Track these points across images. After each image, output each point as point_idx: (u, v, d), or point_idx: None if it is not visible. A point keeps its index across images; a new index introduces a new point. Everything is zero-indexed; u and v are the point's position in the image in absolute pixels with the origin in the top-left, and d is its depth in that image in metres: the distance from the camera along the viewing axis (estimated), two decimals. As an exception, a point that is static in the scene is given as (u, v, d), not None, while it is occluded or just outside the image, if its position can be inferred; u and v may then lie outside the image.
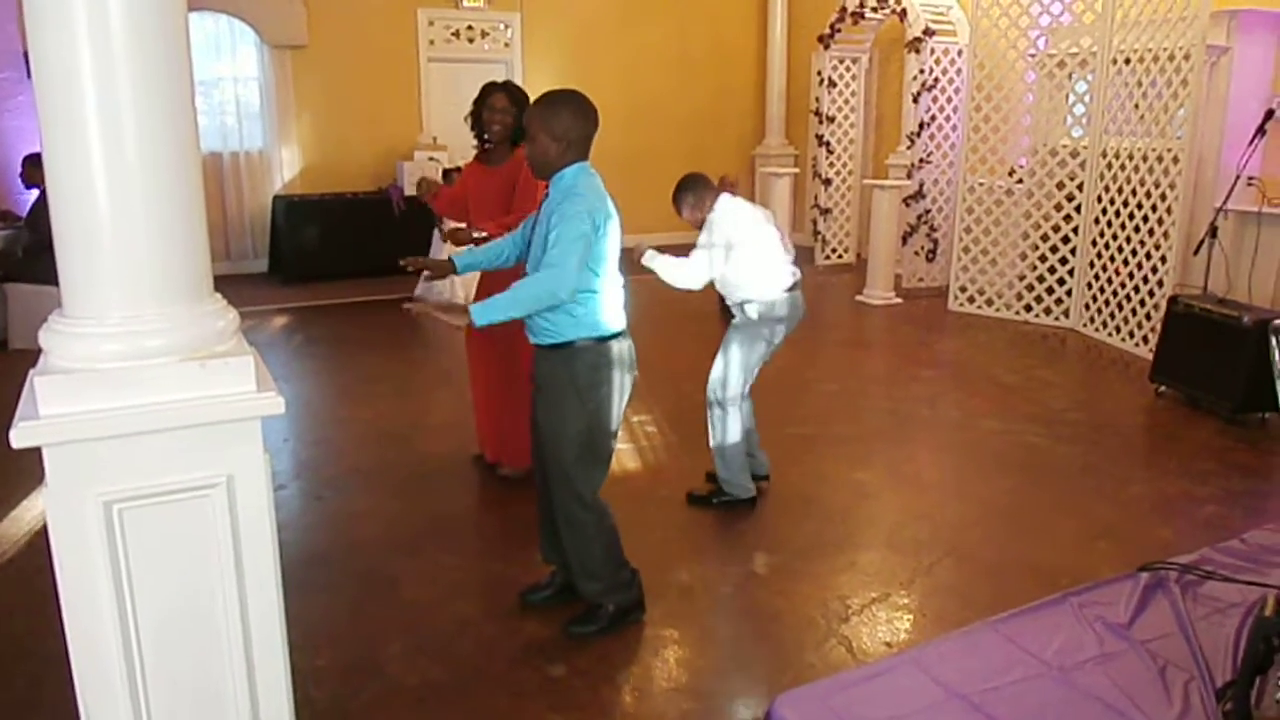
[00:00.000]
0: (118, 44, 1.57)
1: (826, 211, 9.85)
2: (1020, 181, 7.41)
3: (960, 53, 8.15)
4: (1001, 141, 7.57)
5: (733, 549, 3.71)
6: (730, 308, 3.95)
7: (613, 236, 2.80)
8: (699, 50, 10.81)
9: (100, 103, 1.57)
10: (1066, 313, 7.21)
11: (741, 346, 3.87)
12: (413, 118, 9.61)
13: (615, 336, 2.87)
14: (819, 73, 9.65)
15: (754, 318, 3.82)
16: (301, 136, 9.25)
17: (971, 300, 7.76)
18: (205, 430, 1.69)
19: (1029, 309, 7.43)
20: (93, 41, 1.55)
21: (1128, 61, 6.50)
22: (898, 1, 8.43)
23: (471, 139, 4.16)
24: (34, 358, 1.70)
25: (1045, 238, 7.25)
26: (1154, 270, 6.25)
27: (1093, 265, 6.91)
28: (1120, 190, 6.56)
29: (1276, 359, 2.18)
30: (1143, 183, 6.35)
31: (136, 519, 1.66)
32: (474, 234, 3.76)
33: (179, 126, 1.67)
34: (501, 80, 4.21)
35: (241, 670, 1.80)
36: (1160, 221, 6.21)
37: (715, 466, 4.01)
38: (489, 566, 3.56)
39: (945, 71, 8.28)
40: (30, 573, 3.38)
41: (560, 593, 3.17)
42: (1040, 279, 7.34)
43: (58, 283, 1.68)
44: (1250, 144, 5.75)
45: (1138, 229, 6.39)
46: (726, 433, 3.91)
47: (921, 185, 8.44)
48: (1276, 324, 2.26)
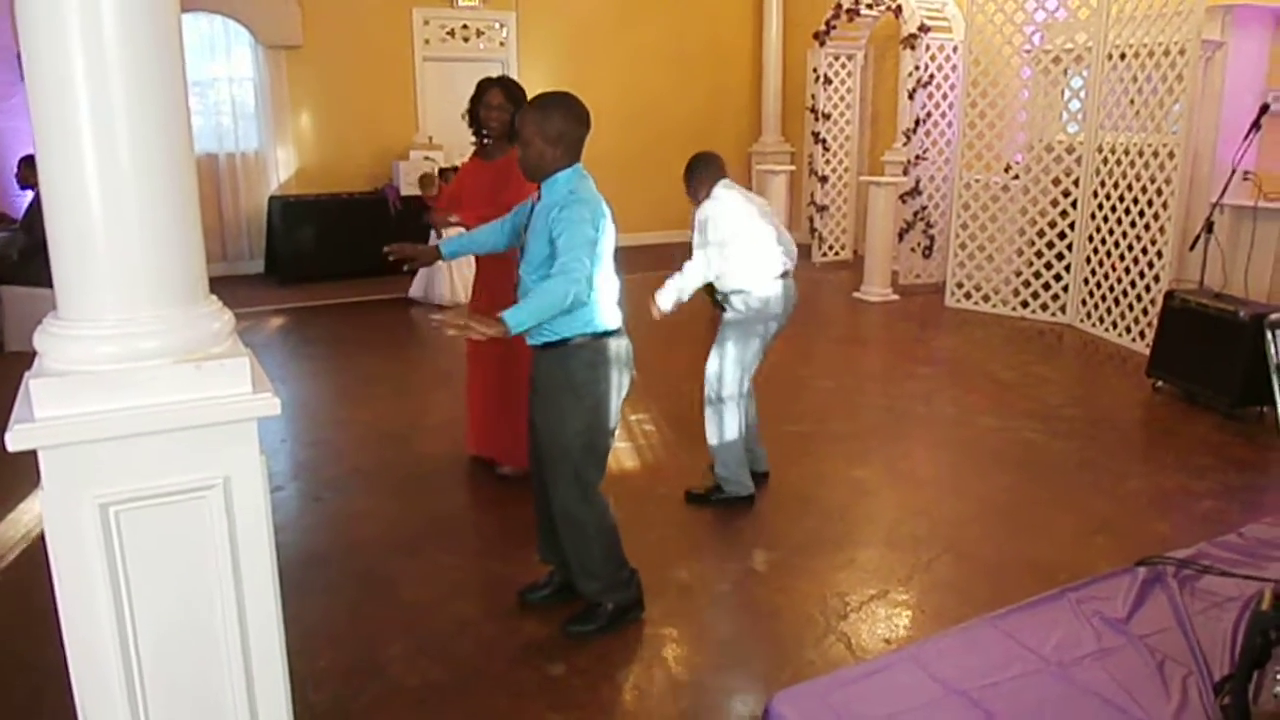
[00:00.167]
0: (110, 45, 1.56)
1: (823, 208, 9.85)
2: (1016, 177, 7.41)
3: (955, 49, 8.16)
4: (997, 138, 7.58)
5: (731, 546, 3.71)
6: (719, 300, 3.94)
7: (608, 236, 2.80)
8: (694, 47, 10.79)
9: (93, 104, 1.57)
10: (1063, 308, 7.22)
11: (736, 343, 3.86)
12: (408, 117, 9.60)
13: (612, 334, 2.87)
14: (815, 70, 9.65)
15: (744, 310, 3.82)
16: (297, 137, 9.24)
17: (968, 296, 7.76)
18: (201, 432, 1.68)
19: (1026, 305, 7.44)
20: (85, 43, 1.55)
21: (1123, 57, 6.51)
22: (893, -2, 8.44)
23: (468, 137, 4.19)
24: (30, 360, 1.70)
25: (1041, 234, 7.26)
26: (1150, 265, 6.26)
27: (1089, 261, 6.92)
28: (1116, 186, 6.57)
29: (1272, 354, 2.18)
30: (1138, 178, 6.36)
31: (133, 521, 1.66)
32: (449, 219, 3.78)
33: (173, 128, 1.66)
34: (498, 76, 4.21)
35: (240, 672, 1.80)
36: (1156, 217, 6.22)
37: (713, 463, 4.01)
38: (488, 566, 3.56)
39: (941, 68, 8.28)
40: (27, 576, 3.38)
41: (559, 592, 3.18)
42: (1037, 275, 7.35)
43: (53, 285, 1.68)
44: (1245, 139, 5.76)
45: (1134, 224, 6.40)
46: (724, 430, 3.91)
47: (918, 182, 8.44)
48: (1271, 319, 2.27)
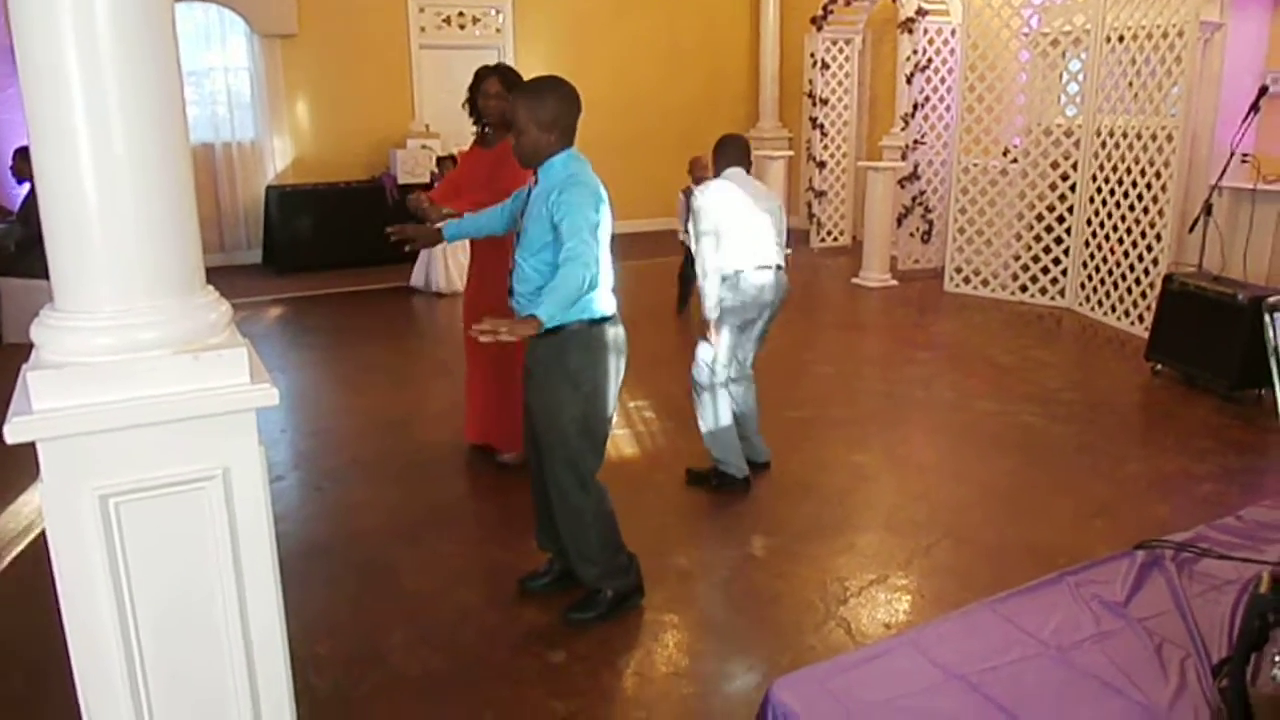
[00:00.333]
0: (103, 36, 1.55)
1: (821, 194, 9.83)
2: (1015, 161, 7.39)
3: (953, 32, 8.12)
4: (995, 121, 7.55)
5: (730, 532, 3.72)
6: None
7: (606, 220, 2.79)
8: (691, 33, 10.74)
9: (87, 95, 1.56)
10: (1062, 292, 7.22)
11: (721, 331, 3.88)
12: (405, 105, 9.56)
13: (608, 320, 2.87)
14: (812, 55, 9.61)
15: (729, 298, 3.81)
16: (293, 126, 9.20)
17: (967, 281, 7.76)
18: (199, 423, 1.68)
19: (1024, 289, 7.43)
20: (78, 33, 1.54)
21: (1121, 39, 6.48)
22: (890, -19, 8.41)
23: (465, 125, 4.18)
24: (28, 352, 1.70)
25: (1040, 217, 7.25)
26: (1149, 248, 6.25)
27: (1088, 244, 6.91)
28: (1115, 169, 6.55)
29: (1270, 337, 2.18)
30: (1137, 161, 6.34)
31: (133, 512, 1.66)
32: (443, 211, 3.80)
33: (167, 118, 1.66)
34: (495, 64, 4.20)
35: (241, 661, 1.81)
36: (1155, 199, 6.21)
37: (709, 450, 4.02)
38: (489, 554, 3.57)
39: (939, 52, 8.25)
40: (28, 568, 3.38)
41: (559, 579, 3.18)
42: (1035, 259, 7.34)
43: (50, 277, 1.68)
44: (1244, 120, 5.74)
45: (1132, 207, 6.39)
46: (714, 416, 3.93)
47: (916, 166, 8.42)
48: (1270, 301, 2.26)
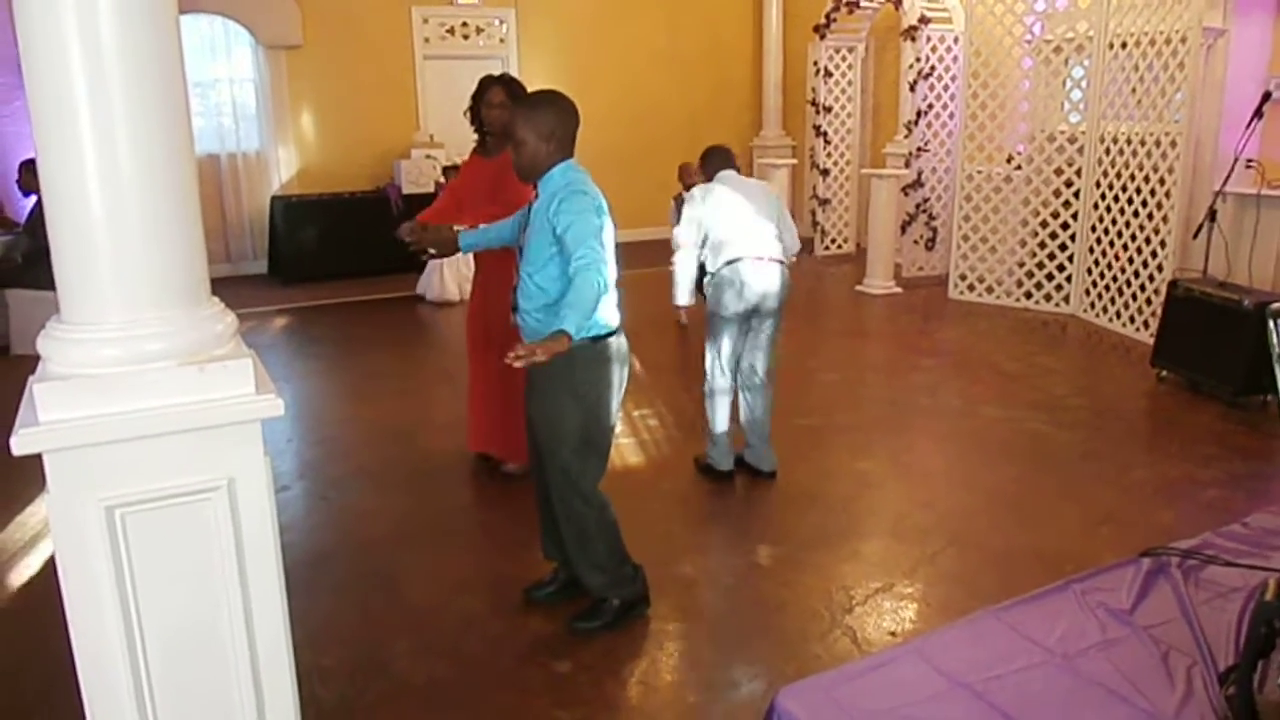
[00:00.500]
0: (109, 48, 1.57)
1: (825, 202, 9.84)
2: (1019, 168, 7.39)
3: (956, 40, 8.14)
4: (999, 128, 7.56)
5: (735, 541, 3.72)
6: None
7: (608, 229, 2.78)
8: (694, 42, 10.78)
9: (92, 107, 1.57)
10: (1067, 299, 7.21)
11: (713, 334, 4.03)
12: (409, 116, 9.60)
13: (611, 334, 2.84)
14: (815, 63, 9.64)
15: (714, 297, 3.96)
16: (298, 137, 9.25)
17: (972, 288, 7.75)
18: (205, 434, 1.69)
19: (1029, 296, 7.42)
20: (84, 46, 1.55)
21: (1124, 45, 6.48)
22: (893, -10, 8.42)
23: (469, 135, 4.18)
24: (35, 364, 1.71)
25: (1044, 224, 7.24)
26: (1154, 255, 6.24)
27: (1092, 251, 6.90)
28: (1119, 175, 6.55)
29: (1274, 343, 2.18)
30: (1141, 167, 6.34)
31: (139, 523, 1.67)
32: (454, 228, 3.80)
33: (172, 130, 1.67)
34: (499, 74, 4.21)
35: (247, 672, 1.81)
36: (1159, 206, 6.20)
37: None
38: (494, 563, 3.57)
39: (942, 59, 8.26)
40: (35, 579, 3.40)
41: (564, 589, 3.18)
42: (1040, 265, 7.33)
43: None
44: (1248, 126, 5.74)
45: (1137, 214, 6.38)
46: (710, 418, 4.14)
47: (920, 174, 8.43)
48: (1273, 307, 2.26)
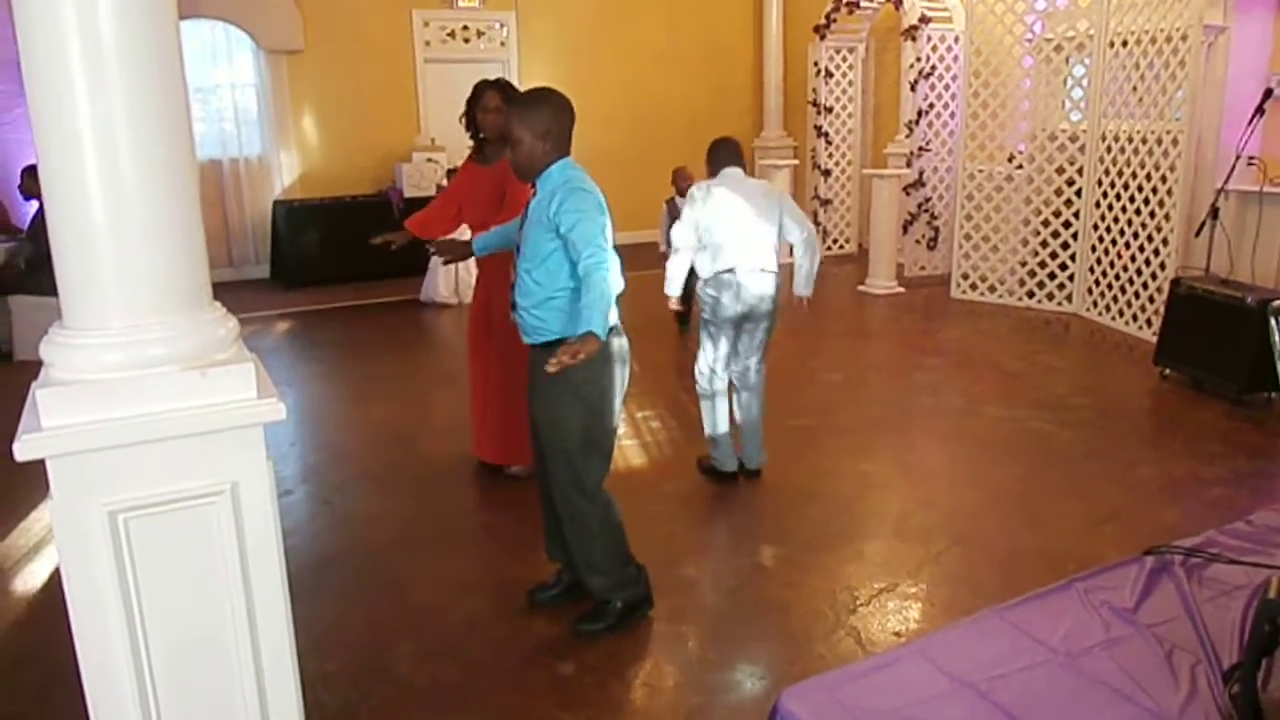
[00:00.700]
0: (109, 53, 1.57)
1: (827, 202, 9.84)
2: (1020, 167, 7.39)
3: (957, 39, 8.13)
4: (1000, 128, 7.56)
5: (739, 542, 3.72)
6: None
7: (607, 227, 2.78)
8: (694, 44, 10.78)
9: (93, 113, 1.58)
10: (1069, 297, 7.20)
11: (706, 338, 4.06)
12: (410, 119, 9.61)
13: (611, 331, 2.82)
14: (816, 63, 9.64)
15: (706, 302, 3.99)
16: (300, 141, 9.26)
17: (974, 287, 7.75)
18: (208, 438, 1.70)
19: (1032, 295, 7.42)
20: (84, 52, 1.56)
21: (1125, 44, 6.48)
22: (893, -10, 8.42)
23: (467, 139, 4.18)
24: (38, 369, 1.71)
25: (1046, 223, 7.24)
26: (1156, 253, 6.24)
27: (1094, 249, 6.89)
28: (1120, 173, 6.54)
29: (1276, 340, 2.18)
30: (1143, 165, 6.33)
31: (142, 528, 1.67)
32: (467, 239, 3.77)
33: (173, 135, 1.67)
34: (494, 78, 4.21)
35: (251, 676, 1.81)
36: (1161, 204, 6.19)
37: None
38: (498, 566, 3.57)
39: (942, 59, 8.26)
40: (39, 585, 3.40)
41: (568, 591, 3.18)
42: (1042, 264, 7.33)
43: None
44: (1249, 123, 5.73)
45: (1139, 212, 6.38)
46: (712, 422, 4.16)
47: (921, 173, 8.43)
48: (1277, 305, 2.26)
